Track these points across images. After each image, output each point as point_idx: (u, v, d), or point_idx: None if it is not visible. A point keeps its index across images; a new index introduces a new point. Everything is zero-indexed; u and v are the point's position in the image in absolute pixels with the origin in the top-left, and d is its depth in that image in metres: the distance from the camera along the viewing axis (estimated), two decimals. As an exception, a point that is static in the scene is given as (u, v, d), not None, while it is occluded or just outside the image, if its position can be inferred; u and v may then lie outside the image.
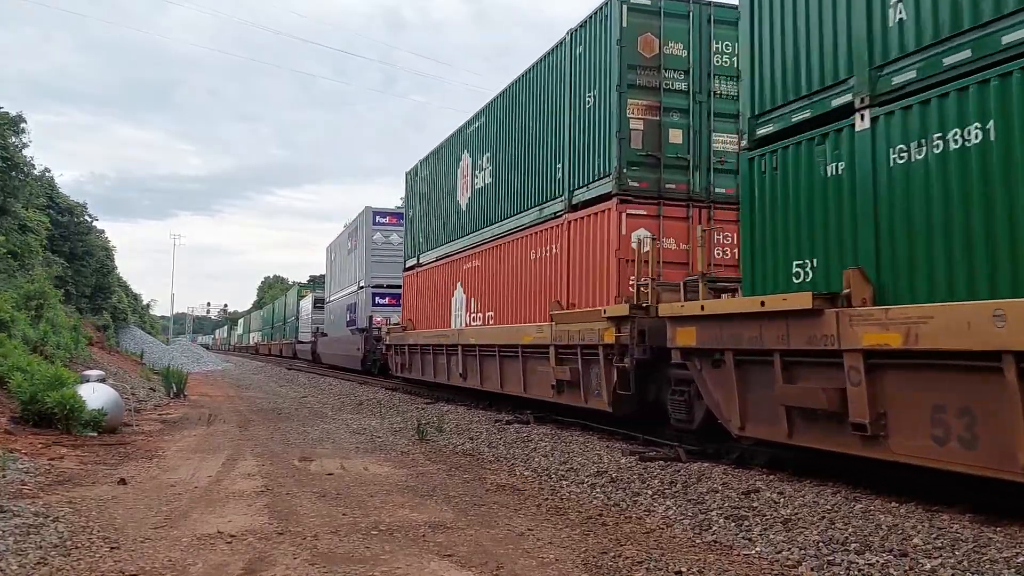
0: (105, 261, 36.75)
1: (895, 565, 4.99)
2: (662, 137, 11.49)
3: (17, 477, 7.65)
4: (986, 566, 4.90)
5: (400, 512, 6.70)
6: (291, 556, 5.30)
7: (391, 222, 29.97)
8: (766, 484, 7.52)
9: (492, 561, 5.24)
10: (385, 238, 29.85)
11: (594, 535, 5.97)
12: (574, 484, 8.05)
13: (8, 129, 21.68)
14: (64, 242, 30.70)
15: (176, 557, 5.24)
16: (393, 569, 5.05)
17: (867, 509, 6.38)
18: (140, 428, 12.52)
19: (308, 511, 6.70)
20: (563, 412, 13.07)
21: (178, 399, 19.00)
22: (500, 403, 15.98)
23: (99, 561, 5.13)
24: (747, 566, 5.17)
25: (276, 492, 7.51)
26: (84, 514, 6.41)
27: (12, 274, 20.98)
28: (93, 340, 25.72)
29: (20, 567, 4.91)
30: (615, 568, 5.09)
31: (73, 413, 10.92)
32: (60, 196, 31.63)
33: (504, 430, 12.48)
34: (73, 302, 29.72)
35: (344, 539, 5.77)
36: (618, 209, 11.25)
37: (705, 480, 7.85)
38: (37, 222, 23.89)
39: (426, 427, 12.23)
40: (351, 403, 18.68)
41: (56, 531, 5.78)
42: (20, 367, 11.90)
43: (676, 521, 6.43)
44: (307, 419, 14.70)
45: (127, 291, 49.40)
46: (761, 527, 6.07)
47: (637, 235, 11.05)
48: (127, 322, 43.73)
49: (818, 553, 5.34)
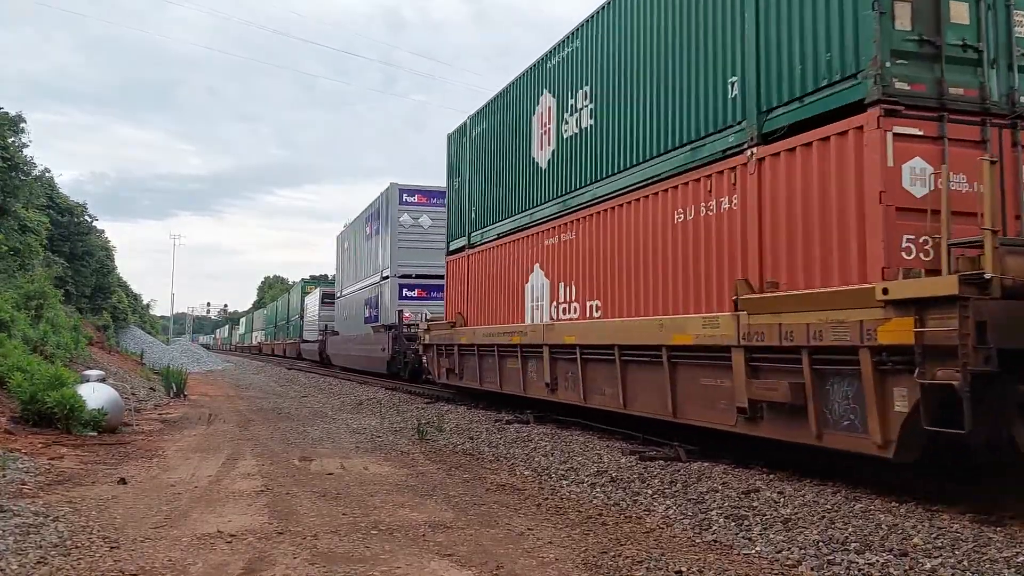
0: (105, 261, 36.77)
1: (895, 565, 5.00)
2: (941, 13, 7.37)
3: (17, 477, 7.65)
4: (986, 566, 4.90)
5: (400, 512, 6.70)
6: (291, 556, 5.30)
7: (420, 201, 25.75)
8: (766, 484, 7.51)
9: (492, 561, 5.24)
10: (414, 220, 25.54)
11: (594, 535, 5.97)
12: (574, 484, 8.05)
13: (8, 129, 21.67)
14: (64, 242, 30.70)
15: (176, 557, 5.24)
16: (393, 569, 5.05)
17: (867, 509, 6.38)
18: (140, 428, 12.52)
19: (308, 511, 6.70)
20: (761, 445, 8.61)
21: (178, 399, 18.99)
22: (621, 425, 11.52)
23: (99, 561, 5.13)
24: (747, 566, 5.17)
25: (276, 492, 7.51)
26: (84, 514, 6.41)
27: (12, 274, 20.98)
28: (93, 340, 25.72)
29: (20, 567, 4.91)
30: (615, 568, 5.09)
31: (73, 413, 10.93)
32: (60, 196, 31.62)
33: (504, 430, 12.48)
34: (73, 302, 29.73)
35: (344, 539, 5.77)
36: (882, 126, 7.02)
37: (705, 480, 7.85)
38: (37, 222, 23.89)
39: (426, 427, 12.23)
40: (351, 403, 18.68)
41: (56, 531, 5.78)
42: (20, 367, 11.90)
43: (676, 521, 6.43)
44: (307, 419, 14.70)
45: (127, 291, 49.42)
46: (761, 527, 6.07)
47: (912, 167, 7.04)
48: (127, 322, 43.76)
49: (818, 553, 5.34)
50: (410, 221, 25.63)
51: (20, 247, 21.88)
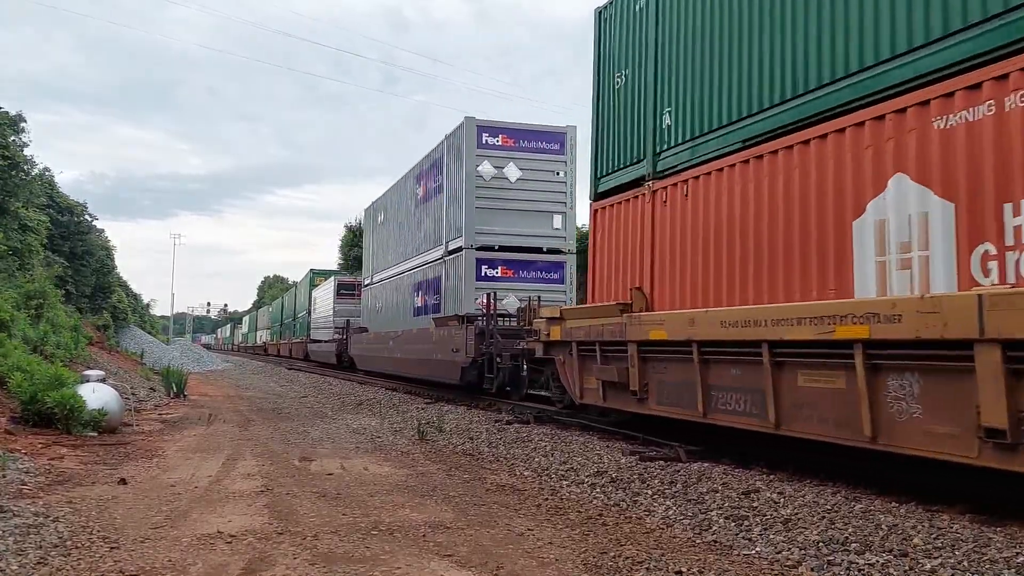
0: (105, 261, 36.79)
1: (895, 565, 5.00)
2: None
3: (17, 477, 7.65)
4: (986, 566, 4.90)
5: (400, 512, 6.70)
6: (291, 556, 5.30)
7: (506, 144, 18.41)
8: (766, 484, 7.51)
9: (492, 561, 5.24)
10: (497, 170, 18.28)
11: (594, 535, 5.97)
12: (574, 484, 8.05)
13: (8, 128, 21.68)
14: (64, 242, 30.71)
15: (176, 557, 5.24)
16: (393, 569, 5.05)
17: (867, 509, 6.38)
18: (140, 428, 12.52)
19: (308, 511, 6.70)
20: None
21: (178, 399, 18.99)
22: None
23: (99, 561, 5.13)
24: (747, 566, 5.17)
25: (276, 492, 7.51)
26: (84, 514, 6.40)
27: (12, 274, 20.98)
28: (93, 340, 25.74)
29: (20, 567, 4.91)
30: (615, 568, 5.09)
31: (73, 413, 10.92)
32: (60, 196, 31.63)
33: (504, 430, 12.47)
34: (73, 302, 29.72)
35: (344, 539, 5.77)
36: None
37: (705, 480, 7.85)
38: (37, 221, 23.90)
39: (426, 427, 12.23)
40: (351, 403, 18.68)
41: (56, 531, 5.78)
42: (20, 367, 11.90)
43: (676, 521, 6.43)
44: (307, 419, 14.70)
45: (127, 291, 49.41)
46: (761, 527, 6.07)
47: None
48: (127, 322, 43.76)
49: (818, 553, 5.34)
50: (492, 172, 18.31)
51: (20, 247, 21.89)
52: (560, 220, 18.65)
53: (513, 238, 18.32)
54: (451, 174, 19.47)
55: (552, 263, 18.66)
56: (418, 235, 22.59)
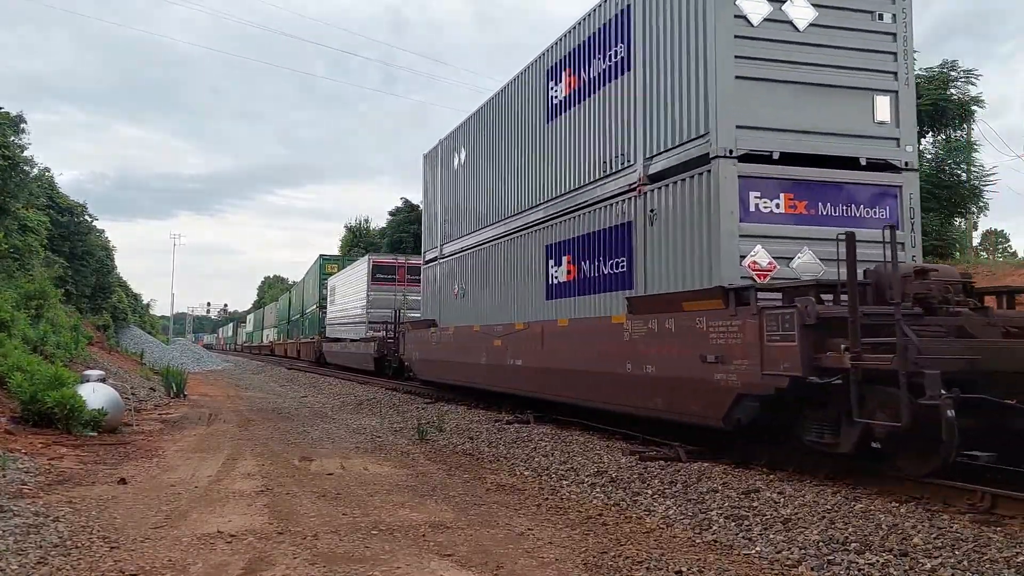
0: (105, 261, 36.75)
1: (895, 565, 5.00)
2: None
3: (17, 477, 7.65)
4: (986, 566, 4.90)
5: (400, 512, 6.70)
6: (291, 556, 5.30)
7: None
8: (766, 484, 7.51)
9: (492, 561, 5.24)
10: (774, 6, 9.37)
11: (594, 535, 5.97)
12: (574, 484, 8.05)
13: (9, 128, 21.67)
14: (64, 242, 30.68)
15: (176, 557, 5.25)
16: (393, 569, 5.05)
17: (867, 509, 6.38)
18: (140, 428, 12.52)
19: (308, 511, 6.70)
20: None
21: (178, 399, 18.99)
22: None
23: (99, 561, 5.13)
24: (747, 566, 5.17)
25: (276, 492, 7.51)
26: (84, 514, 6.41)
27: (12, 274, 20.98)
28: (93, 340, 25.72)
29: (20, 567, 4.91)
30: (615, 568, 5.09)
31: (73, 413, 10.92)
32: (60, 196, 31.60)
33: (504, 430, 12.47)
34: (73, 302, 29.71)
35: (344, 539, 5.77)
36: None
37: (705, 480, 7.85)
38: (37, 222, 23.89)
39: (426, 427, 12.23)
40: (351, 403, 18.68)
41: (56, 531, 5.78)
42: (20, 367, 11.90)
43: (676, 521, 6.43)
44: (307, 419, 14.71)
45: (127, 291, 49.38)
46: (761, 527, 6.07)
47: None
48: (127, 322, 43.76)
49: (818, 553, 5.34)
50: (765, 10, 9.36)
51: (20, 247, 21.88)
52: (887, 105, 10.08)
53: (806, 138, 9.50)
54: (658, 29, 10.44)
55: (877, 187, 9.84)
56: (564, 162, 13.24)
